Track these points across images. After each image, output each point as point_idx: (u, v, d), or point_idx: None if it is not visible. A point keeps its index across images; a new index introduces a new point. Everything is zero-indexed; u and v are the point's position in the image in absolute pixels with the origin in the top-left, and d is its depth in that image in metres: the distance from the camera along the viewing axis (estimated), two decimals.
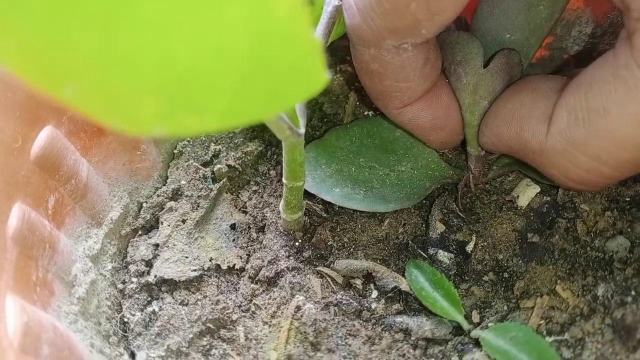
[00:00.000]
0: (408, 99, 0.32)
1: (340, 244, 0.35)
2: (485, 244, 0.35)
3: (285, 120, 0.23)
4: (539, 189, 0.36)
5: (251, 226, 0.36)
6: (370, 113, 0.41)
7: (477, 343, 0.31)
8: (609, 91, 0.25)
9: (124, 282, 0.34)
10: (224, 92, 0.14)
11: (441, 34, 0.30)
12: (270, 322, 0.33)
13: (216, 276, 0.34)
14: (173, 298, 0.33)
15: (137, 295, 0.34)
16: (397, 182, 0.37)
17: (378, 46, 0.29)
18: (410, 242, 0.36)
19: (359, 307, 0.33)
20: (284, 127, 0.23)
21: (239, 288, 0.34)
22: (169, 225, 0.36)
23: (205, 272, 0.34)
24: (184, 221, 0.36)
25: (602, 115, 0.26)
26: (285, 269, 0.34)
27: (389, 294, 0.34)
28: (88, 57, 0.13)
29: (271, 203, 0.37)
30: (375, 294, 0.34)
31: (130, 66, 0.13)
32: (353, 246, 0.35)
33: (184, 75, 0.14)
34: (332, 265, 0.34)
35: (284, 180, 0.31)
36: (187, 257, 0.35)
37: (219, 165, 0.38)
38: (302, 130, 0.25)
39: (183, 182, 0.38)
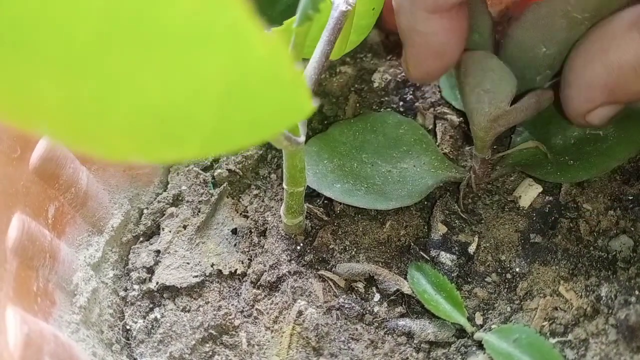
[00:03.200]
0: (444, 1, 0.29)
1: (342, 247, 0.35)
2: (487, 245, 0.35)
3: (282, 131, 0.23)
4: (541, 189, 0.36)
5: (252, 230, 0.36)
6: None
7: (480, 345, 0.31)
8: None
9: (125, 290, 0.34)
10: (202, 126, 0.14)
11: (476, 54, 0.30)
12: (273, 327, 0.33)
13: (218, 282, 0.34)
14: (175, 304, 0.33)
15: (139, 303, 0.34)
16: (399, 179, 0.37)
17: None
18: (412, 244, 0.36)
19: (361, 310, 0.33)
20: (281, 138, 0.22)
21: (240, 293, 0.34)
22: (170, 232, 0.36)
23: (207, 278, 0.34)
24: (185, 227, 0.36)
25: None
26: (287, 273, 0.34)
27: (391, 297, 0.34)
28: (57, 104, 0.13)
29: (272, 207, 0.37)
30: (377, 297, 0.34)
31: (100, 110, 0.13)
32: (355, 249, 0.35)
33: (159, 114, 0.13)
34: (333, 268, 0.34)
35: (284, 185, 0.31)
36: (188, 263, 0.35)
37: (219, 170, 0.38)
38: (302, 138, 0.25)
39: (184, 187, 0.38)
